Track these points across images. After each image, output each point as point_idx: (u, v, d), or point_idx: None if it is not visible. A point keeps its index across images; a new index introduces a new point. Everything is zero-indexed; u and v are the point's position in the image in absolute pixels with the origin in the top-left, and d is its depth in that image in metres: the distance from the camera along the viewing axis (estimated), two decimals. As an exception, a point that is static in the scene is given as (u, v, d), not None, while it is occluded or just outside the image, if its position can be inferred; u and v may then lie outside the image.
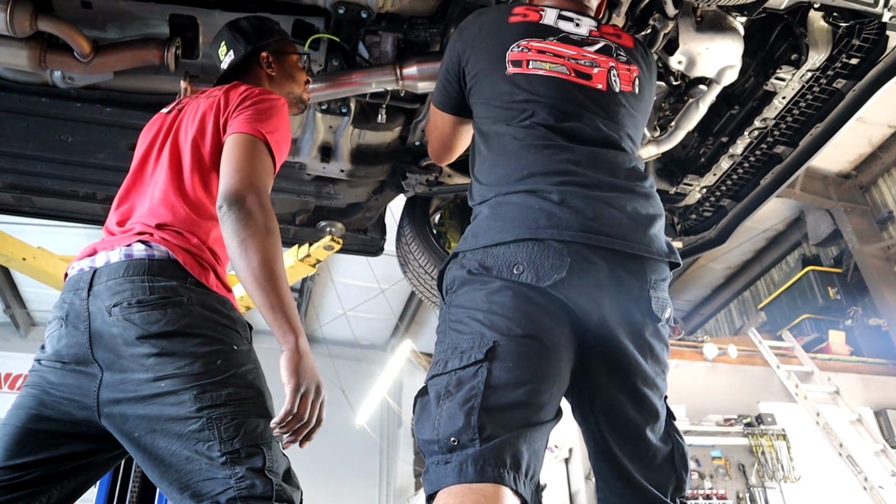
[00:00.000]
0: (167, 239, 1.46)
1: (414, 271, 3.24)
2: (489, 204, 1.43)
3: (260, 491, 1.28)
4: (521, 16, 1.64)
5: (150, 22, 2.15)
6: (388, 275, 8.64)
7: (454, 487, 1.13)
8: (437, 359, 1.32)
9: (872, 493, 5.44)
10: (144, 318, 1.36)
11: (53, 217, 3.05)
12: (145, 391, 1.34)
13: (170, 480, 1.33)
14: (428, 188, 2.81)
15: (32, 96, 2.31)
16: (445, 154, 1.90)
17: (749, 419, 5.78)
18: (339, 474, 10.95)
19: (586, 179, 1.40)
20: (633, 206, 1.40)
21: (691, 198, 3.03)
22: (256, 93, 1.62)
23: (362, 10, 2.06)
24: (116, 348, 1.36)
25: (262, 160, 1.51)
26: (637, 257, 1.36)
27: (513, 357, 1.24)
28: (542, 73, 1.54)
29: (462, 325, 1.31)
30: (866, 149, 8.15)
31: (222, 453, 1.29)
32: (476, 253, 1.37)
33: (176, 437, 1.32)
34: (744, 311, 10.32)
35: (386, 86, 2.15)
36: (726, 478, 5.43)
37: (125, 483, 3.36)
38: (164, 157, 1.60)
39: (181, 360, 1.34)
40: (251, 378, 1.42)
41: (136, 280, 1.40)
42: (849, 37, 2.30)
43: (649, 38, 2.17)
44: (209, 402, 1.32)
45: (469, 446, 1.16)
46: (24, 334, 10.61)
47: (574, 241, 1.31)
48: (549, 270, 1.29)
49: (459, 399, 1.21)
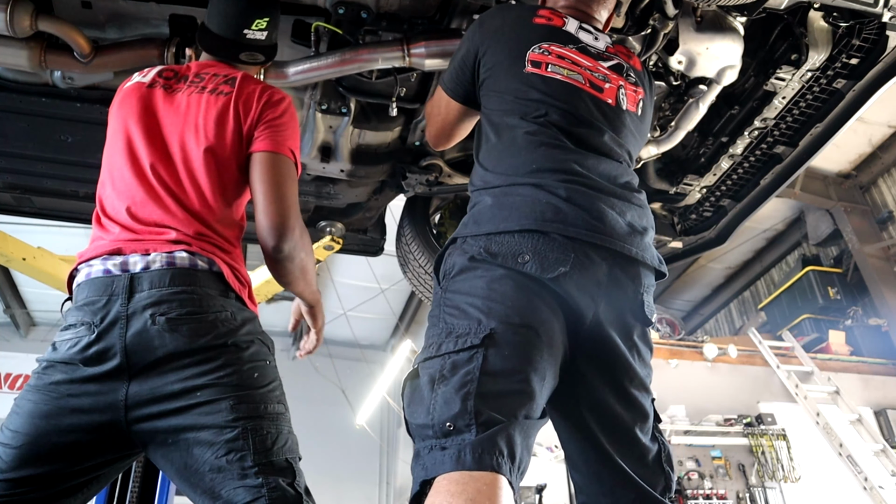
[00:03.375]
0: (207, 250, 1.45)
1: (414, 271, 3.23)
2: (493, 193, 1.44)
3: (289, 502, 1.32)
4: (545, 19, 1.67)
5: (150, 22, 2.15)
6: (388, 275, 8.64)
7: (453, 475, 1.13)
8: (429, 342, 1.32)
9: (872, 493, 5.44)
10: (193, 331, 1.35)
11: (53, 217, 3.05)
12: (182, 402, 1.33)
13: (202, 489, 1.34)
14: (428, 188, 2.81)
15: (32, 96, 2.31)
16: (443, 140, 1.91)
17: (749, 419, 5.78)
18: (339, 474, 10.96)
19: (591, 182, 1.43)
20: (631, 214, 1.45)
21: (691, 198, 3.03)
22: (276, 99, 1.63)
23: (362, 10, 2.06)
24: (156, 358, 1.33)
25: (294, 180, 1.58)
26: (634, 261, 1.40)
27: (509, 345, 1.25)
28: (559, 78, 1.57)
29: (458, 311, 1.31)
30: (866, 149, 8.15)
31: (255, 464, 1.32)
32: (479, 239, 1.37)
33: (208, 446, 1.32)
34: (744, 311, 10.32)
35: (393, 62, 2.12)
36: (726, 478, 5.43)
37: (125, 483, 3.36)
38: (177, 154, 1.53)
39: (220, 372, 1.36)
40: (279, 393, 1.46)
41: (184, 290, 1.38)
42: (849, 37, 2.30)
43: (649, 38, 2.17)
44: (245, 413, 1.35)
45: (465, 431, 1.16)
46: (24, 334, 10.60)
47: (578, 237, 1.33)
48: (554, 263, 1.30)
49: (455, 383, 1.21)
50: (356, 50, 2.09)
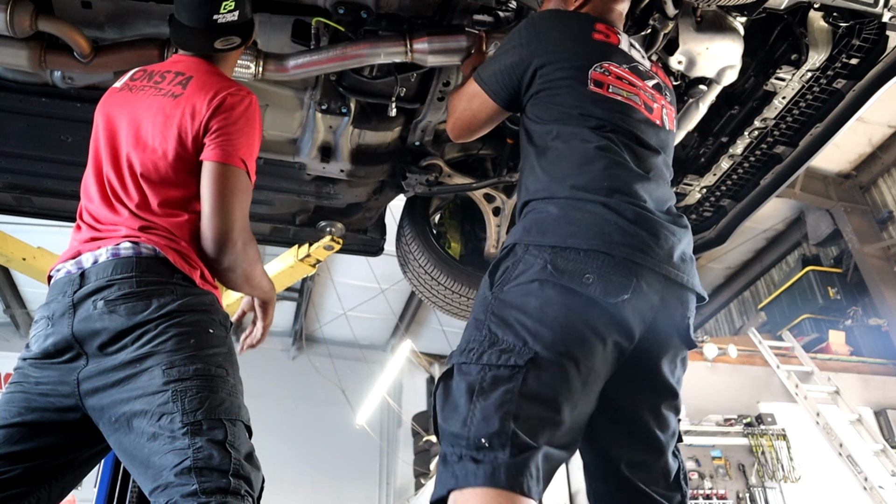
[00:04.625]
0: (153, 240, 1.49)
1: (414, 271, 3.23)
2: (559, 204, 1.44)
3: (217, 462, 1.28)
4: (603, 35, 1.68)
5: (150, 22, 2.14)
6: (388, 275, 8.63)
7: (486, 490, 1.17)
8: (469, 345, 1.34)
9: (872, 493, 5.43)
10: (129, 309, 1.40)
11: (53, 217, 3.04)
12: (123, 373, 1.37)
13: (137, 461, 1.34)
14: (428, 188, 2.80)
15: (32, 96, 2.31)
16: (466, 134, 1.88)
17: (749, 419, 5.78)
18: (339, 474, 10.96)
19: (652, 206, 1.46)
20: (684, 241, 1.49)
21: (691, 198, 3.03)
22: (230, 103, 1.57)
23: (362, 10, 2.05)
24: (103, 341, 1.39)
25: (243, 191, 1.56)
26: (684, 288, 1.45)
27: (550, 373, 1.28)
28: (620, 99, 1.60)
29: (506, 324, 1.33)
30: (866, 149, 8.14)
31: (183, 424, 1.31)
32: (544, 250, 1.38)
33: (144, 415, 1.33)
34: (744, 311, 10.32)
35: (394, 58, 2.09)
36: (726, 478, 5.43)
37: (125, 483, 3.36)
38: (123, 159, 1.59)
39: (156, 341, 1.38)
40: (222, 360, 1.44)
41: (123, 276, 1.44)
42: (849, 37, 2.30)
43: (649, 38, 2.17)
44: (176, 376, 1.35)
45: (499, 450, 1.19)
46: (24, 334, 10.60)
47: (643, 264, 1.36)
48: (617, 288, 1.33)
49: (495, 400, 1.24)
50: (357, 44, 2.07)
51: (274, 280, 1.78)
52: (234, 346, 1.56)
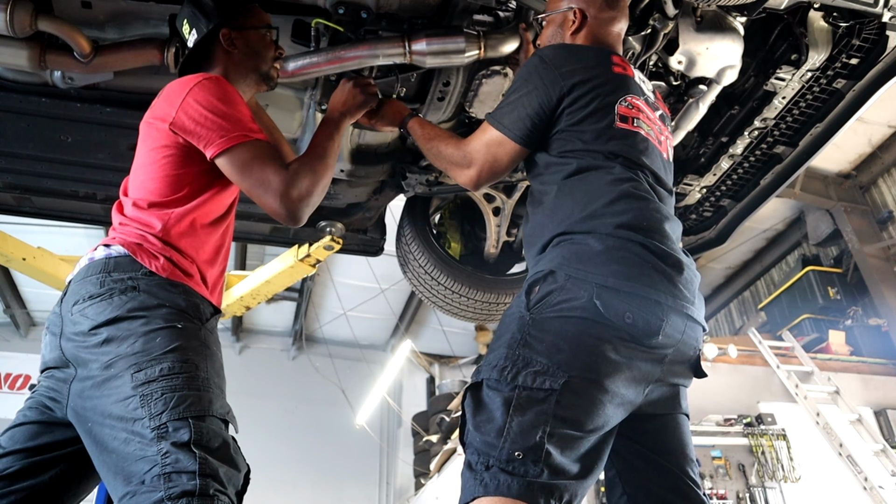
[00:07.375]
0: (123, 238, 1.54)
1: (414, 271, 3.23)
2: (602, 239, 1.47)
3: (184, 465, 1.27)
4: (621, 68, 1.69)
5: (150, 22, 2.14)
6: (388, 275, 8.63)
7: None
8: (501, 362, 1.36)
9: (872, 493, 5.43)
10: (95, 311, 1.42)
11: (53, 217, 3.04)
12: (98, 379, 1.38)
13: (109, 468, 1.34)
14: (428, 188, 2.80)
15: (32, 96, 2.30)
16: (492, 182, 1.82)
17: (749, 419, 5.77)
18: (339, 474, 10.95)
19: (673, 245, 1.53)
20: (696, 281, 1.56)
21: (691, 198, 3.03)
22: (187, 101, 1.57)
23: (362, 10, 2.05)
24: (77, 345, 1.42)
25: (257, 156, 1.56)
26: (698, 324, 1.52)
27: (582, 398, 1.33)
28: (643, 134, 1.64)
29: (543, 346, 1.37)
30: (866, 149, 8.14)
31: (152, 429, 1.31)
32: (586, 285, 1.41)
33: (118, 420, 1.34)
34: (744, 311, 10.32)
35: (393, 59, 2.09)
36: (726, 478, 5.43)
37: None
38: (130, 177, 1.70)
39: (124, 342, 1.39)
40: (191, 354, 1.42)
41: (91, 278, 1.47)
42: (849, 37, 2.30)
43: (649, 38, 2.17)
44: (143, 379, 1.35)
45: (531, 466, 1.25)
46: (24, 334, 10.59)
47: (672, 306, 1.43)
48: (653, 329, 1.40)
49: (531, 417, 1.29)
50: (356, 45, 2.07)
51: (274, 280, 1.80)
52: (213, 335, 1.54)
